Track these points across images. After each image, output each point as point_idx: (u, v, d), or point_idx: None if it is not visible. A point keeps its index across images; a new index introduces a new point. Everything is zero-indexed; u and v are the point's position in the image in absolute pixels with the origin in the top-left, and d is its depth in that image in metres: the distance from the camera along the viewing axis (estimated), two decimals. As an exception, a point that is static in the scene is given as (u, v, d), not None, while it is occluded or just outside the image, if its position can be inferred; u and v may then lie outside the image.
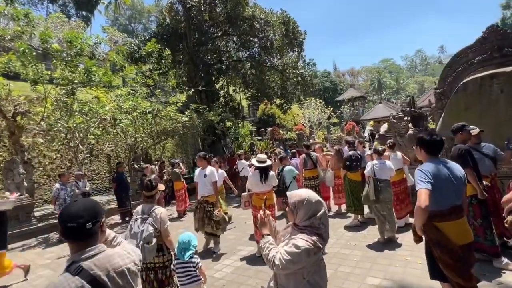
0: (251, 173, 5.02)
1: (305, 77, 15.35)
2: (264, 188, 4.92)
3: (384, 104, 39.29)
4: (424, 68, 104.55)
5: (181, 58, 15.14)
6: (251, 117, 34.43)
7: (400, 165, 5.58)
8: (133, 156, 11.91)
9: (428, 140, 2.57)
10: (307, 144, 7.45)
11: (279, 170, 5.85)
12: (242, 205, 5.20)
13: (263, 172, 4.89)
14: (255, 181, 4.89)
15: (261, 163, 4.92)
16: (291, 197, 1.93)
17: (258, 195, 4.94)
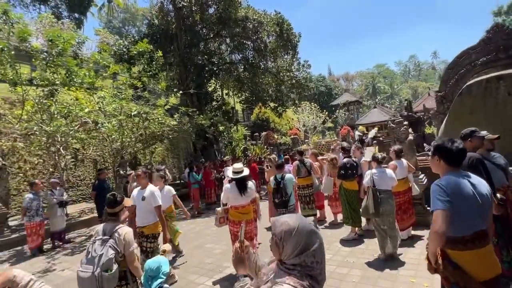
0: (227, 185, 4.54)
1: (300, 80, 14.95)
2: (243, 201, 4.46)
3: (379, 109, 39.21)
4: (417, 73, 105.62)
5: (172, 60, 14.66)
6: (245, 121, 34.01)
7: (405, 174, 5.15)
8: (119, 162, 11.33)
9: (450, 149, 2.09)
10: (301, 150, 6.99)
11: (279, 178, 5.40)
12: (216, 222, 4.70)
13: (241, 183, 4.43)
14: (233, 194, 4.42)
15: (237, 173, 4.45)
16: (276, 225, 1.45)
17: (237, 209, 4.48)
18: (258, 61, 15.04)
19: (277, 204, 5.39)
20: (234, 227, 4.46)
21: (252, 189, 4.56)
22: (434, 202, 1.95)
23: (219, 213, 4.65)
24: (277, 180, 5.43)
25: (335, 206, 6.67)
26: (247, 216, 4.49)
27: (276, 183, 5.42)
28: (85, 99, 7.96)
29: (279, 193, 5.36)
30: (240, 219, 4.41)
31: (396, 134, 6.21)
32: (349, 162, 5.44)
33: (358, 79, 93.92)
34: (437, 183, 2.02)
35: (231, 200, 4.48)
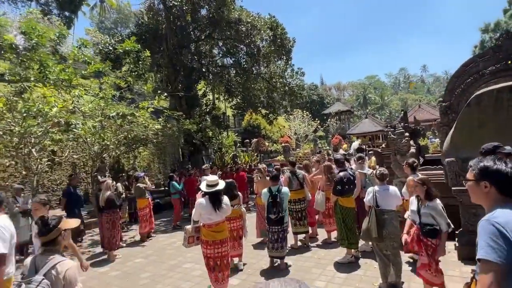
0: (200, 200, 3.95)
1: (293, 87, 14.49)
2: (217, 218, 3.87)
3: (370, 119, 39.22)
4: (407, 86, 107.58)
5: (161, 61, 14.02)
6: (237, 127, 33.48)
7: None
8: (98, 166, 10.55)
9: (506, 173, 1.50)
10: (293, 160, 6.42)
11: (275, 191, 4.84)
12: (184, 242, 4.07)
13: (216, 197, 3.86)
14: (207, 210, 3.83)
15: (211, 187, 3.88)
16: None
17: (210, 227, 3.87)
18: (250, 65, 14.54)
19: (274, 221, 4.79)
20: (208, 249, 3.86)
21: (227, 205, 4.00)
22: (485, 248, 1.37)
23: (188, 232, 4.03)
24: (272, 194, 4.83)
25: (329, 224, 6.10)
26: (222, 234, 3.91)
27: (272, 197, 4.82)
28: (57, 98, 7.22)
29: (276, 208, 4.76)
30: (214, 239, 3.83)
31: (397, 146, 5.72)
32: (346, 176, 4.89)
33: (349, 89, 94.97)
34: (491, 220, 1.43)
35: (204, 217, 3.87)
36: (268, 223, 4.88)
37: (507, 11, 40.92)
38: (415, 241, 3.55)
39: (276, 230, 4.80)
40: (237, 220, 5.12)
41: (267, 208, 4.85)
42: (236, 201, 5.12)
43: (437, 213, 3.35)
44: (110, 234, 6.14)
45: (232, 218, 5.09)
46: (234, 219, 5.10)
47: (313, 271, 4.74)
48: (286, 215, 4.91)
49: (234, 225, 5.11)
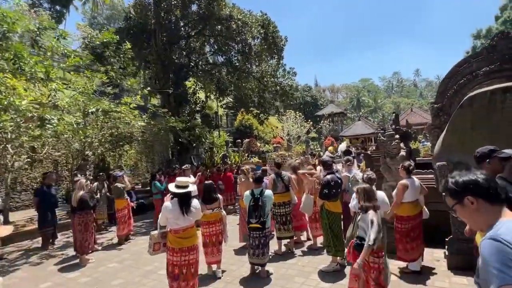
0: (167, 203, 3.63)
1: (284, 87, 14.22)
2: (185, 222, 3.54)
3: (363, 122, 39.24)
4: (400, 89, 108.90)
5: (149, 57, 13.62)
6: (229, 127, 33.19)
7: (417, 195, 4.36)
8: (78, 164, 10.12)
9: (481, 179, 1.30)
10: (278, 162, 6.11)
11: (257, 194, 4.52)
12: (149, 249, 3.74)
13: (184, 200, 3.54)
14: (174, 214, 3.50)
15: (180, 188, 3.57)
16: None
17: (177, 233, 3.53)
18: (242, 64, 14.23)
19: (256, 228, 4.48)
20: (174, 256, 3.51)
21: (197, 209, 3.67)
22: (502, 274, 1.08)
23: (154, 238, 3.70)
24: (254, 197, 4.52)
25: (315, 229, 5.82)
26: (190, 241, 3.57)
27: (253, 200, 4.51)
28: (31, 90, 6.79)
29: (257, 212, 4.46)
30: (181, 246, 3.50)
31: (386, 148, 5.46)
32: (333, 179, 4.61)
33: (343, 91, 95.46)
34: (497, 237, 1.15)
35: (171, 222, 3.54)
36: (248, 228, 4.56)
37: (498, 18, 41.46)
38: (351, 253, 3.38)
39: (257, 235, 4.50)
40: (216, 224, 4.81)
41: (248, 212, 4.53)
42: (215, 204, 4.82)
43: (366, 226, 3.17)
44: (82, 237, 5.76)
45: (211, 222, 4.79)
46: (213, 223, 4.80)
47: (295, 279, 4.44)
48: (268, 220, 4.60)
49: (213, 229, 4.80)
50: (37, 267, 5.76)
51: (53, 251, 6.77)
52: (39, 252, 6.74)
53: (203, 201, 4.81)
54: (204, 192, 4.87)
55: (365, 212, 3.21)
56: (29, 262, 6.03)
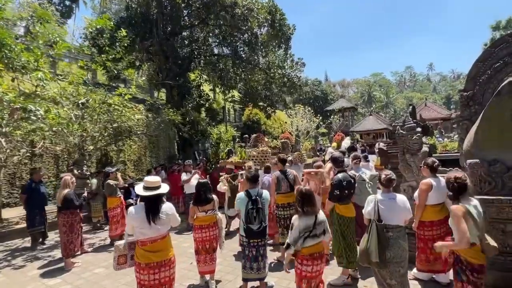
0: (131, 209, 3.02)
1: (292, 78, 13.49)
2: (153, 232, 2.92)
3: (375, 117, 38.06)
4: (412, 84, 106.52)
5: (151, 49, 13.09)
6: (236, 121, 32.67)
7: (443, 197, 3.66)
8: (75, 159, 9.69)
9: None
10: (283, 157, 5.47)
11: (254, 195, 3.86)
12: (114, 263, 3.14)
13: (152, 204, 2.94)
14: (139, 222, 2.89)
15: (149, 190, 2.96)
16: None
17: (145, 245, 2.92)
18: (248, 55, 13.56)
19: (256, 232, 3.80)
20: (141, 274, 2.90)
21: (169, 215, 3.03)
22: None
23: (119, 249, 3.12)
24: (251, 199, 3.87)
25: None
26: (160, 255, 2.93)
27: (252, 202, 3.84)
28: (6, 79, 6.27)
29: (258, 216, 3.80)
30: (148, 261, 2.88)
31: (406, 143, 4.76)
32: (346, 178, 3.94)
33: (354, 86, 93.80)
34: None
35: (136, 231, 2.93)
36: (247, 236, 3.86)
37: (520, 8, 39.46)
38: None
39: (257, 244, 3.86)
40: (210, 229, 4.22)
41: (246, 217, 3.83)
42: (210, 205, 4.23)
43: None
44: (67, 238, 5.28)
45: (205, 226, 4.21)
46: (207, 228, 4.21)
47: (300, 294, 3.82)
48: (267, 225, 3.99)
49: (207, 234, 4.21)
50: (19, 270, 5.31)
51: (41, 252, 6.33)
52: (26, 252, 6.31)
53: (195, 202, 4.24)
54: (197, 191, 4.29)
55: None
56: (12, 265, 5.59)
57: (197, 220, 4.23)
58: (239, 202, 3.88)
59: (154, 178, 3.06)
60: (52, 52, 7.11)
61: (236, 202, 3.96)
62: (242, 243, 3.90)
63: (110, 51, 8.19)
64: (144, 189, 2.95)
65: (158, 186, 2.99)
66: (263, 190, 4.15)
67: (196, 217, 4.24)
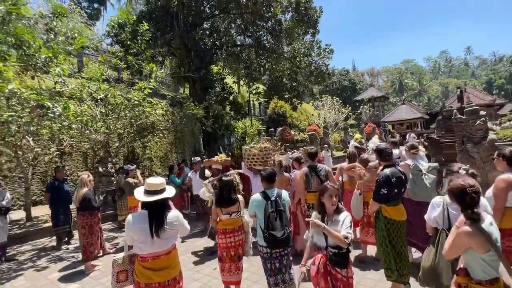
0: (130, 217, 2.50)
1: (320, 66, 12.61)
2: (155, 248, 2.41)
3: (408, 105, 35.85)
4: (448, 70, 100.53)
5: (172, 42, 12.79)
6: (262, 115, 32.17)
7: None
8: (100, 156, 9.62)
9: None
10: (312, 151, 4.79)
11: (272, 196, 3.26)
12: (112, 280, 2.67)
13: (156, 212, 2.42)
14: (138, 233, 2.40)
15: (151, 194, 2.45)
16: None
17: (145, 261, 2.41)
18: (272, 44, 12.88)
19: (280, 240, 3.15)
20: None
21: (176, 225, 2.49)
22: None
23: (117, 264, 2.68)
24: (270, 200, 3.26)
25: (365, 233, 4.54)
26: (163, 275, 2.42)
27: (271, 205, 3.24)
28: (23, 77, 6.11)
29: (282, 221, 3.20)
30: (148, 281, 2.37)
31: (467, 131, 3.93)
32: (395, 174, 3.22)
33: (384, 74, 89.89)
34: None
35: (136, 244, 2.44)
36: (269, 245, 3.19)
37: None
38: (321, 274, 2.49)
39: (279, 254, 3.26)
40: (235, 234, 3.69)
41: (267, 223, 3.17)
42: (234, 207, 3.70)
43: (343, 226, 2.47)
44: (86, 241, 5.01)
45: (229, 231, 3.68)
46: (232, 233, 3.69)
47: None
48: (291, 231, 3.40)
49: (232, 240, 3.69)
50: (40, 273, 5.14)
51: (65, 252, 6.19)
52: (52, 252, 6.20)
53: (218, 203, 3.73)
54: (221, 191, 3.77)
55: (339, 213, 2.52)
56: (36, 266, 5.45)
57: (220, 223, 3.73)
58: (255, 205, 3.29)
59: (157, 180, 2.55)
60: (70, 48, 6.91)
61: (251, 206, 3.36)
62: (262, 255, 3.30)
63: (132, 45, 7.89)
64: (146, 194, 2.46)
65: (162, 190, 2.49)
66: (282, 190, 3.53)
67: (219, 220, 3.74)
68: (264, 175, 3.39)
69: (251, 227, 3.91)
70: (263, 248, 3.22)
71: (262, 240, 3.19)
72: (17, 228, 7.59)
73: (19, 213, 8.92)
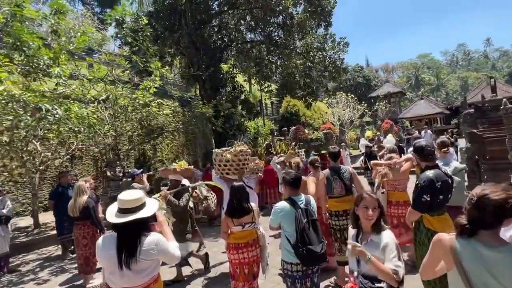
0: (100, 239, 2.03)
1: (335, 61, 11.96)
2: (126, 282, 1.89)
3: (426, 101, 34.44)
4: (466, 63, 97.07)
5: (180, 41, 12.45)
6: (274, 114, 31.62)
7: None
8: (107, 160, 9.33)
9: None
10: (335, 151, 4.23)
11: (302, 203, 2.75)
12: None
13: (127, 239, 1.92)
14: (108, 262, 1.92)
15: (124, 214, 1.94)
16: None
17: None
18: (283, 39, 12.34)
19: (319, 256, 2.61)
20: None
21: (153, 253, 1.92)
22: None
23: None
24: (300, 208, 2.71)
25: (400, 235, 3.98)
26: None
27: (302, 213, 2.68)
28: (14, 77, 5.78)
29: (317, 233, 2.67)
30: None
31: (521, 122, 3.29)
32: (440, 177, 2.63)
33: (399, 70, 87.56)
34: None
35: (106, 274, 1.97)
36: (303, 262, 2.62)
37: None
38: None
39: (313, 271, 2.71)
40: (249, 249, 3.19)
41: (301, 236, 2.60)
42: (248, 217, 3.20)
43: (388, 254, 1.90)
44: (89, 251, 4.63)
45: (242, 245, 3.18)
46: (245, 247, 3.18)
47: None
48: (325, 243, 2.86)
49: (245, 256, 3.18)
50: (41, 286, 4.81)
51: (69, 262, 5.87)
52: (56, 263, 5.89)
53: (229, 213, 3.23)
54: (231, 198, 3.29)
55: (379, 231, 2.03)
56: (37, 279, 5.14)
57: (232, 236, 3.23)
58: (282, 215, 2.76)
59: (132, 195, 2.01)
60: (71, 46, 6.60)
61: (276, 215, 2.82)
62: (290, 274, 2.74)
63: (133, 42, 7.52)
64: (118, 214, 1.96)
65: (139, 207, 1.96)
66: (308, 195, 3.00)
67: (230, 233, 3.25)
68: (289, 180, 2.86)
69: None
70: (293, 265, 2.67)
71: (292, 256, 2.65)
72: (24, 236, 7.37)
73: (29, 219, 8.75)
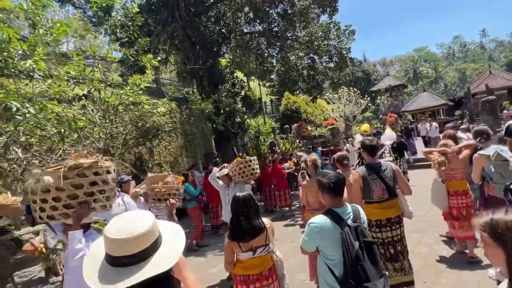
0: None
1: (340, 50, 11.13)
2: None
3: (429, 93, 33.75)
4: (463, 55, 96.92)
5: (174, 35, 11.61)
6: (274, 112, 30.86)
7: None
8: (99, 166, 8.51)
9: None
10: (371, 143, 3.34)
11: (349, 218, 2.00)
12: None
13: None
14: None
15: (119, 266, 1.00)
16: None
17: None
18: (284, 30, 11.52)
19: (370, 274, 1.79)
20: None
21: None
22: None
23: None
24: (348, 226, 1.86)
25: (460, 228, 3.24)
26: None
27: (351, 234, 1.85)
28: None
29: (374, 262, 1.85)
30: None
31: None
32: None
33: (396, 64, 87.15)
34: None
35: None
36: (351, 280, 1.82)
37: None
38: None
39: None
40: (263, 283, 2.34)
41: (353, 266, 1.80)
42: (260, 238, 2.36)
43: None
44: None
45: (254, 278, 2.34)
46: (258, 280, 2.34)
47: None
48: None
49: (260, 285, 2.36)
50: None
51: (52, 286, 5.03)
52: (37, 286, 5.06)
53: (233, 235, 2.37)
54: (235, 214, 2.43)
55: None
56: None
57: (240, 266, 2.39)
58: (322, 236, 1.92)
59: (132, 226, 1.03)
60: (49, 38, 5.74)
61: (312, 236, 1.96)
62: None
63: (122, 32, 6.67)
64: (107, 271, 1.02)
65: (146, 252, 1.03)
66: (356, 205, 2.15)
67: (237, 261, 2.41)
68: (328, 184, 1.99)
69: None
70: None
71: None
72: (4, 255, 6.53)
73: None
